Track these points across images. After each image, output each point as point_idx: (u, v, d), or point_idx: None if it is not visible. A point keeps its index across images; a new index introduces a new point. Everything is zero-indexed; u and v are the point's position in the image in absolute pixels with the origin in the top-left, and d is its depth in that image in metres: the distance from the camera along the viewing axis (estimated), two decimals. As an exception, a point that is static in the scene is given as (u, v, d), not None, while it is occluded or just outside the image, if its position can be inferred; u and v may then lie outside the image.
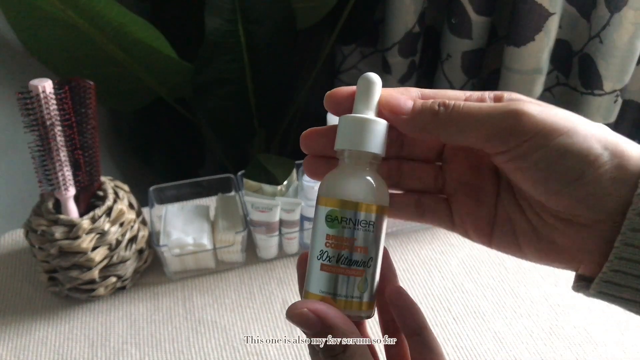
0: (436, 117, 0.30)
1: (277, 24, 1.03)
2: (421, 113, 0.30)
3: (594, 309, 0.69)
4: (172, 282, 0.74)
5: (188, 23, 1.19)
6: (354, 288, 0.30)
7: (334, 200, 0.30)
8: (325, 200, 0.30)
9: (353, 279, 0.30)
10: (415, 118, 0.30)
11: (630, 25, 0.89)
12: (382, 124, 0.31)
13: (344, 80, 1.37)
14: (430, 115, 0.30)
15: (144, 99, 1.17)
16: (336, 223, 0.30)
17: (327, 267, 0.30)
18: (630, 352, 0.64)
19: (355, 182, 0.30)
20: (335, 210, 0.30)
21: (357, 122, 0.30)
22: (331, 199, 0.30)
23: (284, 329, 0.68)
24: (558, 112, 0.28)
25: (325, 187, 0.31)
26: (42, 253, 0.66)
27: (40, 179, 0.64)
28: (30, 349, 0.66)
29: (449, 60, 1.17)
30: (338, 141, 0.31)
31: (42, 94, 0.59)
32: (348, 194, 0.30)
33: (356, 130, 0.30)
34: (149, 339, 0.67)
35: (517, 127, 0.28)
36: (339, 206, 0.30)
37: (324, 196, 0.31)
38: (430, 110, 0.30)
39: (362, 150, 0.30)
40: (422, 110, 0.30)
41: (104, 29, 0.92)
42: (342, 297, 0.30)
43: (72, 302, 0.71)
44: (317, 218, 0.31)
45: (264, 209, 0.70)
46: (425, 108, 0.30)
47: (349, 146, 0.31)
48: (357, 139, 0.30)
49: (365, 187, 0.30)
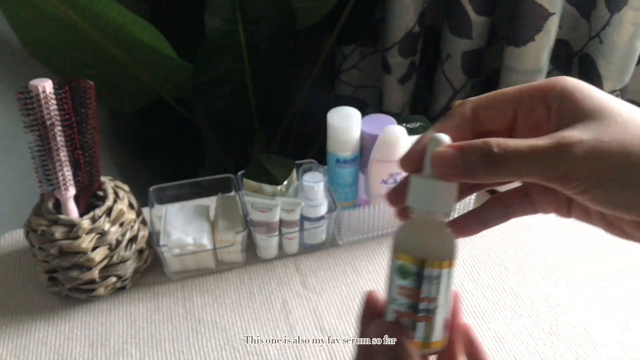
0: (487, 168, 0.29)
1: (277, 23, 1.03)
2: (468, 172, 0.30)
3: (594, 308, 0.69)
4: (172, 282, 0.74)
5: (188, 23, 1.19)
6: (423, 331, 0.34)
7: (405, 256, 0.33)
8: (397, 254, 0.34)
9: (422, 324, 0.33)
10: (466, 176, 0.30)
11: (630, 25, 0.89)
12: (450, 184, 0.32)
13: (344, 80, 1.37)
14: (481, 169, 0.30)
15: (144, 99, 1.17)
16: (407, 276, 0.33)
17: (398, 313, 0.34)
18: (630, 352, 0.64)
19: (424, 241, 0.33)
20: (406, 265, 0.33)
21: (425, 184, 0.33)
22: (403, 254, 0.33)
23: (283, 328, 0.68)
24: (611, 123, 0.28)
25: (398, 241, 0.34)
26: (42, 253, 0.66)
27: (40, 179, 0.64)
28: (30, 349, 0.66)
29: (449, 60, 1.17)
30: (409, 198, 0.33)
31: (42, 94, 0.59)
32: (417, 251, 0.33)
33: (425, 191, 0.33)
34: (149, 339, 0.67)
35: (571, 172, 0.28)
36: (409, 261, 0.33)
37: (397, 250, 0.34)
38: (476, 165, 0.30)
39: (430, 210, 0.33)
40: (467, 169, 0.30)
41: (104, 29, 0.92)
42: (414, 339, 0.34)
43: (72, 302, 0.71)
44: (391, 267, 0.34)
45: (264, 209, 0.70)
46: (470, 165, 0.30)
47: (419, 206, 0.33)
48: (426, 199, 0.33)
49: (434, 246, 0.33)
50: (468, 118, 0.33)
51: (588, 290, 0.71)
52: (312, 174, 0.71)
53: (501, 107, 0.32)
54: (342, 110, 0.71)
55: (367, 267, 0.75)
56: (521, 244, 0.78)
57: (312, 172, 0.71)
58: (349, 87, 1.38)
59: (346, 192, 0.76)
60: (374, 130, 0.72)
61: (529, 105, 0.32)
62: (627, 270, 0.74)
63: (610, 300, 0.70)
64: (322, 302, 0.71)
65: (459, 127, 0.33)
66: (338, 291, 0.72)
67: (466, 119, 0.33)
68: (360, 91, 1.39)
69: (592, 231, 0.77)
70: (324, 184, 0.71)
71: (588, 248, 0.77)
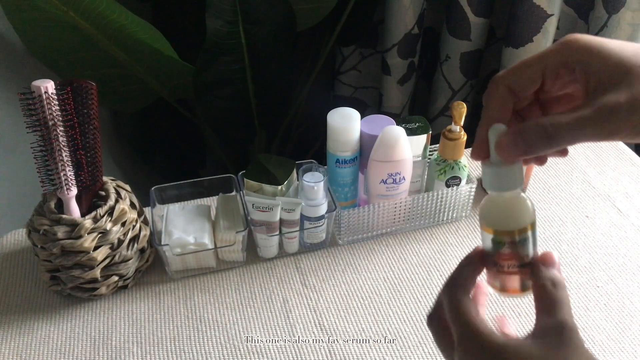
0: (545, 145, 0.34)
1: (277, 25, 1.04)
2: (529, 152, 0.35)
3: (593, 308, 0.70)
4: (173, 281, 0.74)
5: (189, 24, 1.20)
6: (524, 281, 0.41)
7: (494, 230, 0.40)
8: (487, 229, 0.40)
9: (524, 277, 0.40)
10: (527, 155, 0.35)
11: (628, 26, 0.90)
12: (514, 166, 0.37)
13: (344, 81, 1.37)
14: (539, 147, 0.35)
15: (145, 100, 1.18)
16: (501, 245, 0.40)
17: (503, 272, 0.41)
18: (630, 352, 0.65)
19: (507, 215, 0.39)
20: (497, 237, 0.40)
21: (494, 171, 0.38)
22: (492, 229, 0.40)
23: (284, 328, 0.68)
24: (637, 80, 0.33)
25: (485, 217, 0.40)
26: (44, 252, 0.67)
27: (43, 179, 0.65)
28: (32, 348, 0.67)
29: (448, 61, 1.18)
30: (485, 183, 0.39)
31: (44, 95, 0.60)
32: (505, 225, 0.39)
33: (495, 176, 0.38)
34: (151, 338, 0.68)
35: (616, 129, 0.33)
36: (500, 234, 0.40)
37: (486, 226, 0.40)
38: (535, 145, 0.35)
39: (503, 191, 0.39)
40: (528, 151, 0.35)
41: (106, 31, 0.93)
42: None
43: (74, 301, 0.72)
44: (484, 238, 0.41)
45: (265, 208, 0.71)
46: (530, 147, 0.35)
47: (494, 189, 0.39)
48: (498, 183, 0.38)
49: (516, 217, 0.39)
50: (507, 95, 0.37)
51: (587, 290, 0.72)
52: (312, 174, 0.71)
53: (529, 76, 0.36)
54: (342, 111, 0.72)
55: (367, 267, 0.76)
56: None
57: (312, 172, 0.72)
58: (348, 88, 1.39)
59: (346, 192, 0.77)
60: (373, 131, 0.72)
61: (553, 73, 0.36)
62: (627, 270, 0.74)
63: (608, 299, 0.71)
64: (322, 301, 0.72)
65: (503, 106, 0.37)
66: (338, 290, 0.73)
67: (505, 97, 0.37)
68: (359, 92, 1.40)
69: (590, 231, 0.78)
70: (324, 184, 0.71)
71: (587, 248, 0.77)
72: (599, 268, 0.74)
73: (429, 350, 0.66)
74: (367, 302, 0.71)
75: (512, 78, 0.37)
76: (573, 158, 0.91)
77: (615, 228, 0.79)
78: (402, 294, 0.72)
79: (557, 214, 0.82)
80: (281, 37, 1.06)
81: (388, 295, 0.72)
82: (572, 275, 0.74)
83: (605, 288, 0.72)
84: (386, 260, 0.76)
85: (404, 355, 0.65)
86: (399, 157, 0.71)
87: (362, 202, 0.80)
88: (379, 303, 0.71)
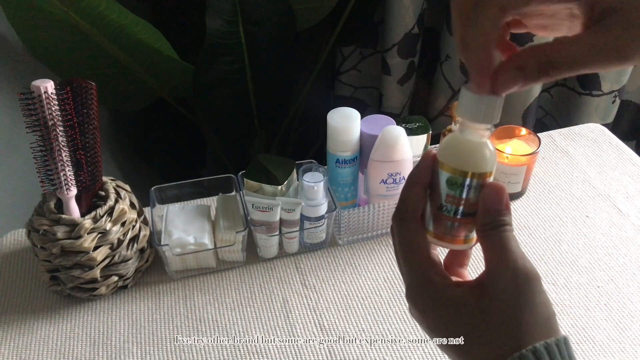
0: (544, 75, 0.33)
1: (277, 25, 1.04)
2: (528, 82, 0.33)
3: (593, 308, 0.70)
4: (173, 281, 0.74)
5: (189, 24, 1.20)
6: (466, 231, 0.39)
7: (451, 169, 0.37)
8: (444, 166, 0.38)
9: (464, 225, 0.39)
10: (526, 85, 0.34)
11: (628, 26, 0.90)
12: (496, 99, 0.35)
13: (344, 81, 1.37)
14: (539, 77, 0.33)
15: (145, 100, 1.18)
16: (454, 186, 0.37)
17: (447, 217, 0.38)
18: (631, 352, 0.65)
19: (469, 154, 0.37)
20: (453, 177, 0.37)
21: (474, 97, 0.35)
22: (450, 166, 0.37)
23: (284, 328, 0.68)
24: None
25: (444, 153, 0.38)
26: (43, 252, 0.67)
27: (42, 179, 0.65)
28: (32, 348, 0.67)
29: (448, 61, 1.17)
30: (459, 110, 0.37)
31: (44, 95, 0.60)
32: (464, 164, 0.37)
33: (473, 104, 0.36)
34: (150, 338, 0.68)
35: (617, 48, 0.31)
36: (456, 174, 0.37)
37: (444, 162, 0.38)
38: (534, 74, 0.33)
39: (477, 123, 0.36)
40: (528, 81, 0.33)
41: (106, 30, 0.93)
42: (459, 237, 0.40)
43: (74, 301, 0.72)
44: (437, 176, 0.38)
45: (265, 208, 0.71)
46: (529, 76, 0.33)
47: (468, 118, 0.36)
48: (474, 112, 0.36)
49: (478, 159, 0.37)
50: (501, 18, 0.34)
51: (587, 290, 0.72)
52: (312, 174, 0.71)
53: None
54: (342, 111, 0.72)
55: (367, 266, 0.76)
56: (520, 244, 0.79)
57: (312, 172, 0.72)
58: (348, 87, 1.39)
59: (346, 192, 0.77)
60: (373, 131, 0.72)
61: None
62: (627, 270, 0.74)
63: (608, 299, 0.70)
64: (322, 301, 0.72)
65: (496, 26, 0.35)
66: (338, 290, 0.73)
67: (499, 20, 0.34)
68: (359, 92, 1.40)
69: (590, 231, 0.78)
70: (324, 184, 0.71)
71: (587, 248, 0.77)
72: (599, 268, 0.74)
73: (429, 350, 0.66)
74: (367, 302, 0.71)
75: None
76: (573, 158, 0.91)
77: (615, 228, 0.79)
78: (402, 293, 0.72)
79: (557, 214, 0.82)
80: (281, 37, 1.06)
81: (388, 295, 0.72)
82: (572, 275, 0.74)
83: (605, 288, 0.72)
84: (386, 260, 0.76)
85: (404, 355, 0.65)
86: (399, 157, 0.70)
87: (362, 202, 0.80)
88: (379, 303, 0.71)
